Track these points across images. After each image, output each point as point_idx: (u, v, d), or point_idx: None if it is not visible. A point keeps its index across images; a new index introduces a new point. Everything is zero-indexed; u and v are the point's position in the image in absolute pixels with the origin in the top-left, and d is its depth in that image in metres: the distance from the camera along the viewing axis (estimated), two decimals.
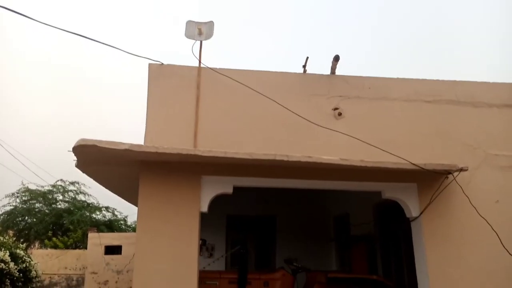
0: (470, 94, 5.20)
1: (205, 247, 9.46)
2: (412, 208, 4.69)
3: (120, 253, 14.83)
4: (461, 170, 4.43)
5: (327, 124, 4.84)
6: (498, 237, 4.31)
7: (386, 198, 4.80)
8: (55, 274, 15.24)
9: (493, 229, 4.37)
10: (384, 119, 5.04)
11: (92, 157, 4.23)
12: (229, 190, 4.62)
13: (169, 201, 4.40)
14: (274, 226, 10.45)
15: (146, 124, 4.77)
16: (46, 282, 15.12)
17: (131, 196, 6.74)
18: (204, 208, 4.47)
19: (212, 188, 4.56)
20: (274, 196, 10.26)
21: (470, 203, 4.52)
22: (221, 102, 4.97)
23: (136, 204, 7.58)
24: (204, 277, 5.61)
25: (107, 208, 22.06)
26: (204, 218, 4.48)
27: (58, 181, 21.79)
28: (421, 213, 4.62)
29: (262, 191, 9.99)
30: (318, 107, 5.03)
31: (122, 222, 22.45)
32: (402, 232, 6.45)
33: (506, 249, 4.20)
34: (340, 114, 5.01)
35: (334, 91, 5.12)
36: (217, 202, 10.09)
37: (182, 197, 4.45)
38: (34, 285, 13.80)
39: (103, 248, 14.86)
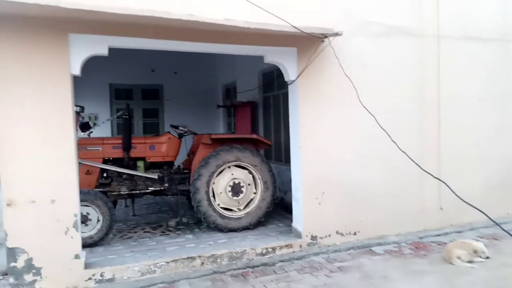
0: None
1: (87, 117, 9.05)
2: (290, 72, 4.94)
3: None
4: (336, 34, 4.67)
5: None
6: (358, 97, 4.88)
7: (268, 62, 4.94)
8: None
9: (355, 88, 4.90)
10: None
11: None
12: (103, 51, 4.21)
13: (34, 63, 3.87)
14: (162, 95, 10.33)
15: None
16: None
17: None
18: (76, 71, 4.07)
19: (83, 48, 4.10)
20: (160, 65, 9.91)
21: (340, 65, 4.91)
22: None
23: None
24: (84, 143, 5.47)
25: None
26: (85, 87, 4.13)
27: None
28: (298, 76, 4.92)
29: (148, 60, 9.56)
30: None
31: None
32: (282, 97, 6.93)
33: (364, 106, 4.82)
34: None
35: None
36: (99, 70, 9.42)
37: (48, 58, 3.94)
38: None
39: None
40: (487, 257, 4.46)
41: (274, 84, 7.38)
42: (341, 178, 5.17)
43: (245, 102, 8.31)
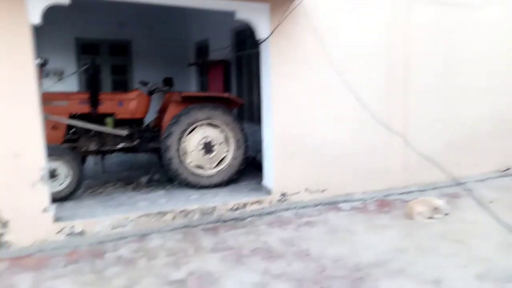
0: None
1: (51, 72, 8.66)
2: (262, 30, 4.86)
3: None
4: None
5: None
6: (328, 58, 4.90)
7: (239, 19, 4.82)
8: None
9: (325, 50, 4.90)
10: None
11: None
12: (64, 0, 3.97)
13: None
14: (129, 51, 9.96)
15: None
16: None
17: None
18: (36, 20, 3.82)
19: None
20: (129, 18, 9.47)
21: (310, 25, 4.88)
22: None
23: None
24: (50, 98, 5.27)
25: None
26: (49, 40, 3.90)
27: None
28: (270, 34, 4.85)
29: (116, 13, 9.10)
30: None
31: None
32: (254, 56, 6.85)
33: (333, 68, 4.87)
34: None
35: None
36: (64, 22, 8.93)
37: (3, 6, 3.69)
38: None
39: None
40: (446, 214, 4.75)
41: (247, 43, 7.26)
42: (311, 138, 5.27)
43: (218, 60, 8.17)
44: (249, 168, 6.37)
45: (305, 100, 5.20)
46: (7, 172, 3.80)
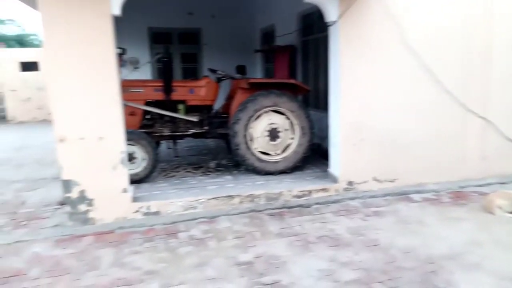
0: None
1: (127, 61, 9.21)
2: (332, 12, 4.73)
3: (38, 70, 14.03)
4: None
5: None
6: (403, 39, 4.64)
7: (308, 1, 4.74)
8: None
9: (399, 31, 4.65)
10: None
11: None
12: None
13: (74, 2, 3.93)
14: (199, 39, 10.26)
15: None
16: None
17: None
18: (116, 11, 4.09)
19: None
20: (198, 8, 9.74)
21: (384, 6, 4.66)
22: None
23: (34, 7, 6.73)
24: (127, 85, 5.62)
25: (12, 21, 19.63)
26: (124, 30, 4.14)
27: None
28: (340, 17, 4.71)
29: (186, 3, 9.41)
30: None
31: (34, 37, 20.47)
32: (322, 40, 6.71)
33: (409, 52, 4.61)
34: None
35: None
36: (138, 13, 9.42)
37: None
38: None
39: (18, 65, 13.87)
40: None
41: (314, 27, 7.12)
42: (380, 125, 5.08)
43: (283, 46, 8.12)
44: (315, 155, 6.32)
45: (375, 86, 5.01)
46: (93, 154, 4.15)
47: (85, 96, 4.08)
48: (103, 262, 3.46)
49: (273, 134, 5.58)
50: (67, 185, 4.13)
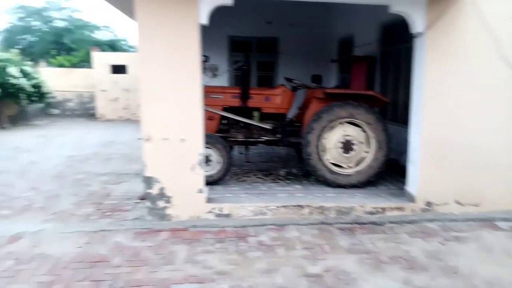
0: None
1: (208, 67, 9.62)
2: (418, 23, 4.53)
3: (126, 73, 15.23)
4: None
5: None
6: (499, 51, 4.30)
7: (394, 12, 4.59)
8: (66, 91, 15.95)
9: (495, 43, 4.31)
10: None
11: None
12: (228, 0, 4.38)
13: (167, 11, 4.22)
14: (276, 48, 10.41)
15: None
16: (60, 98, 15.97)
17: (125, 6, 6.45)
18: (204, 20, 4.31)
19: None
20: (276, 17, 9.90)
21: (478, 16, 4.35)
22: None
23: (131, 16, 7.31)
24: (208, 91, 5.88)
25: (106, 27, 21.58)
26: (206, 38, 4.36)
27: None
28: (427, 28, 4.50)
29: (265, 12, 9.61)
30: None
31: (124, 42, 22.29)
32: (404, 51, 6.45)
33: (507, 64, 4.25)
34: None
35: None
36: (219, 22, 9.78)
37: (180, 7, 4.24)
38: (48, 101, 14.65)
39: (109, 68, 15.18)
40: None
41: (396, 38, 6.86)
42: (465, 143, 4.74)
43: (361, 56, 7.93)
44: (390, 171, 6.06)
45: (462, 100, 4.69)
46: (174, 154, 4.40)
47: (171, 99, 4.34)
48: (177, 257, 3.64)
49: (347, 146, 5.47)
50: (149, 181, 4.42)
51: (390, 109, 7.13)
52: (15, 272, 3.34)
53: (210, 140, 5.31)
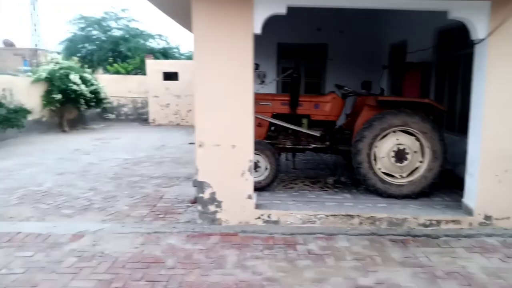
0: None
1: (256, 74, 9.74)
2: (480, 29, 4.33)
3: (177, 79, 15.77)
4: None
5: None
6: None
7: (453, 18, 4.41)
8: (121, 97, 16.79)
9: None
10: None
11: None
12: (282, 10, 4.43)
13: (223, 22, 4.36)
14: (325, 54, 10.33)
15: None
16: (115, 103, 16.84)
17: (182, 18, 6.72)
18: (257, 30, 4.40)
19: (265, 8, 4.39)
20: (326, 24, 9.84)
21: None
22: None
23: (187, 27, 7.57)
24: (258, 98, 5.94)
25: (160, 36, 22.50)
26: (255, 45, 4.45)
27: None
28: (489, 34, 4.28)
29: (314, 19, 9.58)
30: None
31: (176, 50, 23.10)
32: (462, 58, 6.17)
33: None
34: None
35: None
36: (269, 30, 9.85)
37: (235, 17, 4.36)
38: (105, 106, 15.51)
39: (161, 75, 15.80)
40: None
41: (453, 43, 6.58)
42: None
43: (415, 63, 7.68)
44: (445, 182, 5.80)
45: None
46: (226, 160, 4.51)
47: (224, 107, 4.46)
48: (227, 262, 3.71)
49: (400, 155, 5.31)
50: (201, 186, 4.55)
51: (446, 118, 6.83)
52: (78, 269, 3.56)
53: (258, 146, 5.36)
